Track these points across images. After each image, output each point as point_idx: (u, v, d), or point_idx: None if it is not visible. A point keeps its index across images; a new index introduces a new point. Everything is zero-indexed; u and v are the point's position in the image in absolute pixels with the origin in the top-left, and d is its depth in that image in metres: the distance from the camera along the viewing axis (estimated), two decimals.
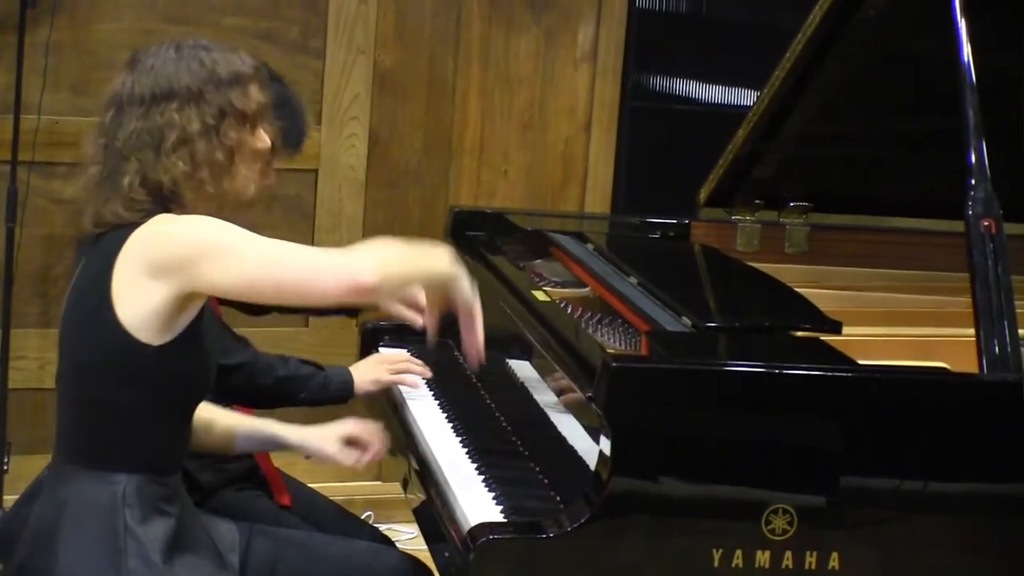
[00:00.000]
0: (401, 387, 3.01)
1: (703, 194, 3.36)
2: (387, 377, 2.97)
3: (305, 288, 2.21)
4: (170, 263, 2.20)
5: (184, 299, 2.22)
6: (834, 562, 2.26)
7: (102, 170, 2.29)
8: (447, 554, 2.35)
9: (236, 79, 2.32)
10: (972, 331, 2.38)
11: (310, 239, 4.19)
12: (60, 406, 2.35)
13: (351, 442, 2.66)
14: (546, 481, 2.54)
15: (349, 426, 2.67)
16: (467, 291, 2.35)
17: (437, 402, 2.95)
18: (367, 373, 2.97)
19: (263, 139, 2.37)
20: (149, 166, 2.26)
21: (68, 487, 2.28)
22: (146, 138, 2.26)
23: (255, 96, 2.34)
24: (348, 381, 2.92)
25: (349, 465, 2.64)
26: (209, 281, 2.20)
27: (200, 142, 2.26)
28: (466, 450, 2.68)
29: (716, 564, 2.23)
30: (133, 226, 2.24)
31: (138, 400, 2.26)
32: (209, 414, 2.58)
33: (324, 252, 2.23)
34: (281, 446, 2.68)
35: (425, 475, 2.63)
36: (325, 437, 2.66)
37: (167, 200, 2.27)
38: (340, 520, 2.97)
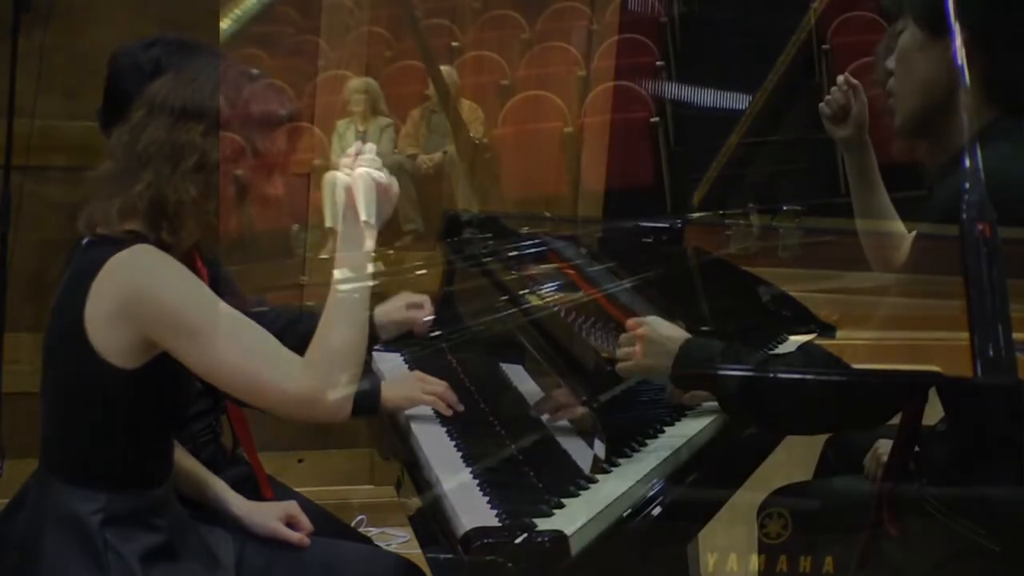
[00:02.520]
0: None
1: (697, 198, 3.36)
2: (421, 397, 2.75)
3: (269, 403, 2.22)
4: (146, 320, 2.18)
5: (155, 342, 2.21)
6: (828, 566, 2.27)
7: (116, 167, 2.26)
8: (442, 558, 2.35)
9: (265, 120, 2.27)
10: (966, 335, 2.38)
11: (305, 242, 4.18)
12: (43, 416, 2.33)
13: (290, 522, 2.62)
14: (541, 485, 2.53)
15: (292, 508, 2.64)
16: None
17: None
18: (401, 389, 2.76)
19: (276, 185, 2.32)
20: (163, 180, 2.21)
21: (51, 501, 2.27)
22: (167, 151, 2.22)
23: (278, 142, 2.30)
24: (373, 394, 2.66)
25: (293, 542, 2.60)
26: (179, 356, 2.20)
27: (216, 173, 2.22)
28: (460, 454, 2.67)
29: (711, 568, 2.23)
30: (116, 246, 2.21)
31: (115, 419, 2.24)
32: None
33: (299, 369, 2.18)
34: (227, 510, 2.62)
35: (419, 478, 2.63)
36: (269, 515, 2.61)
37: (164, 218, 2.23)
38: (330, 526, 2.95)
